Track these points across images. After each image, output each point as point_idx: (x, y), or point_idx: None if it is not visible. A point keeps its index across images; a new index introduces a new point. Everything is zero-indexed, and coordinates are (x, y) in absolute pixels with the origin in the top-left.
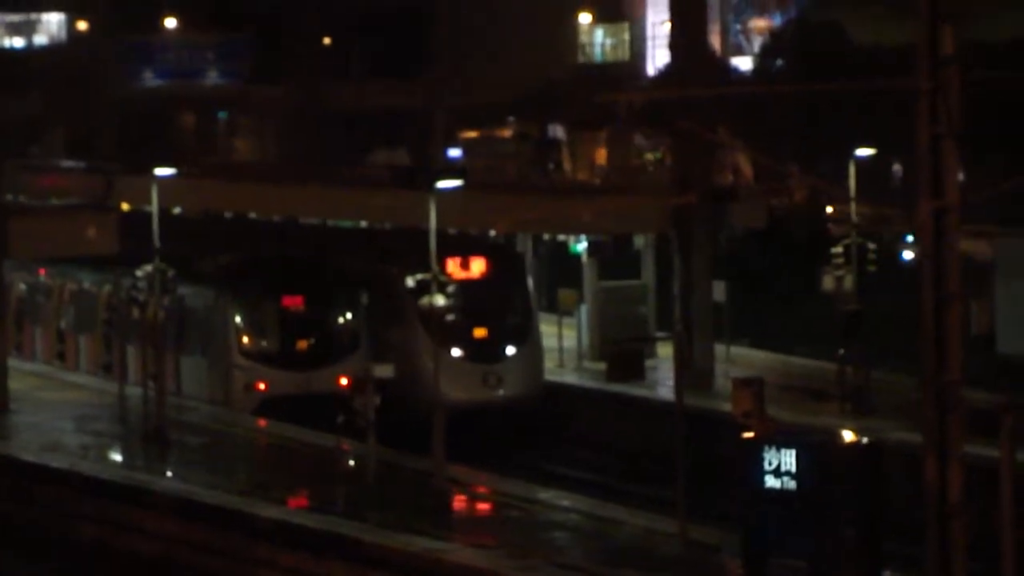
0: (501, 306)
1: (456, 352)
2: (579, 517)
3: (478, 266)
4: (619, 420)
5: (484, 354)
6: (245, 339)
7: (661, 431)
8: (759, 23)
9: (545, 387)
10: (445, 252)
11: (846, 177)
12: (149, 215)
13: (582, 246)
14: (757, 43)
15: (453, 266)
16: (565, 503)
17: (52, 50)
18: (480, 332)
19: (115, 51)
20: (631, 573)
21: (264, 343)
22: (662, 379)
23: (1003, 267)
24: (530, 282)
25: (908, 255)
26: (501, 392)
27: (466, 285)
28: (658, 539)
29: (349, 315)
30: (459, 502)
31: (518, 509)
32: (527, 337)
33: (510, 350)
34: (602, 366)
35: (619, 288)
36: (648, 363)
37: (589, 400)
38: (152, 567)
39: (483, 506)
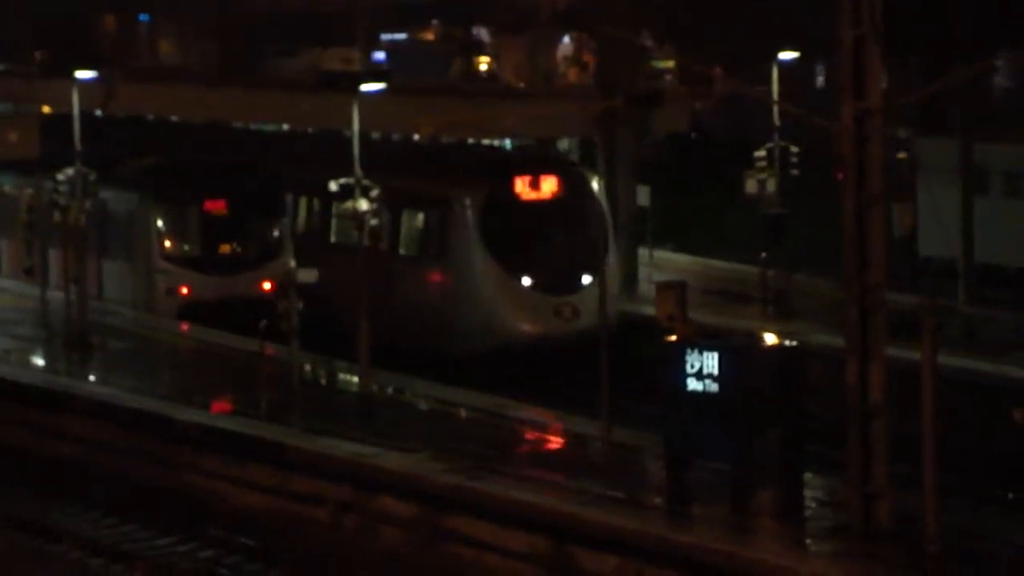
0: (575, 230)
1: (526, 281)
2: (506, 422)
3: (549, 185)
4: None
5: (557, 284)
6: (167, 243)
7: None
8: None
9: None
10: (512, 170)
11: (769, 80)
12: (70, 118)
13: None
14: None
15: (521, 185)
16: (488, 406)
17: None
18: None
19: None
20: (550, 474)
21: (186, 247)
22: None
23: (924, 170)
24: (605, 202)
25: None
26: (576, 325)
27: (535, 207)
28: (583, 442)
29: (273, 220)
30: (385, 407)
31: (444, 414)
32: (603, 264)
33: (586, 279)
34: None
35: None
36: None
37: None
38: (74, 471)
39: (409, 411)
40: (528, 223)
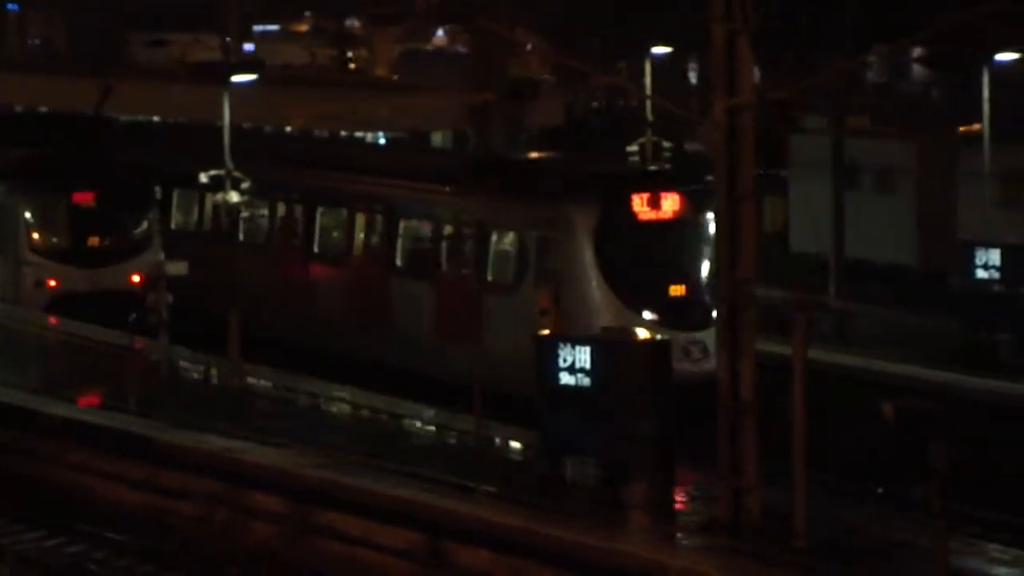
0: (705, 256)
1: (648, 316)
2: (384, 417)
3: (674, 204)
4: None
5: (685, 318)
6: (35, 235)
7: None
8: None
9: None
10: (632, 186)
11: (643, 75)
12: None
13: (381, 143)
14: None
15: (639, 204)
16: (372, 404)
17: None
18: (678, 290)
19: None
20: (427, 470)
21: (55, 239)
22: None
23: (795, 166)
24: None
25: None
26: (706, 367)
27: (660, 229)
28: (458, 437)
29: (143, 212)
30: (256, 402)
31: (322, 410)
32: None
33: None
34: None
35: None
36: None
37: None
38: None
39: (280, 407)
40: (651, 248)
